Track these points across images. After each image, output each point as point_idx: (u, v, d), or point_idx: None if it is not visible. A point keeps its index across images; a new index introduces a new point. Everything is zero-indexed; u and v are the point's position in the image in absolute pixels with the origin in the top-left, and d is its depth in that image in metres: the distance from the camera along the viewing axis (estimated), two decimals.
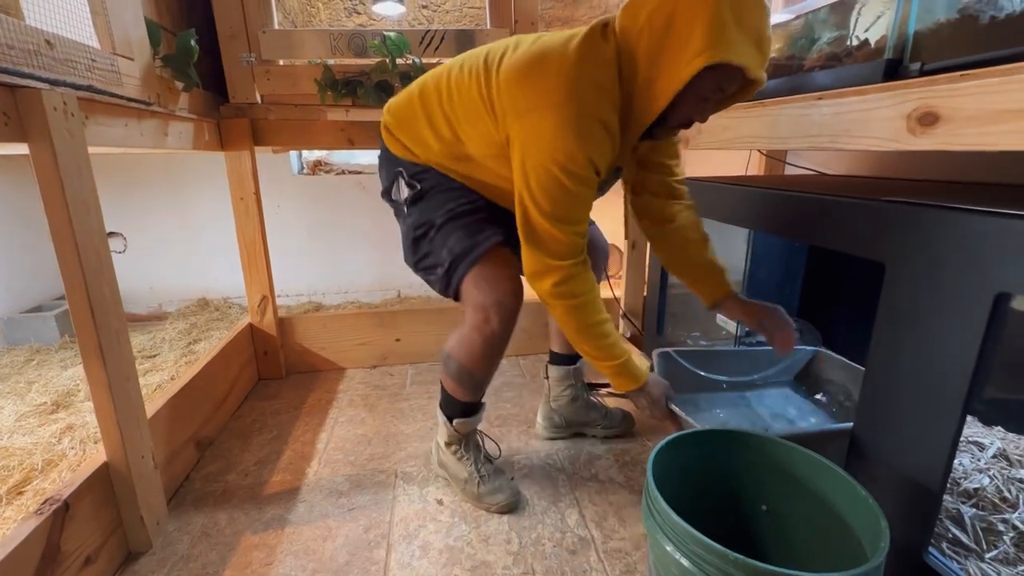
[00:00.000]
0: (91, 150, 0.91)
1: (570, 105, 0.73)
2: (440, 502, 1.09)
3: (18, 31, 0.70)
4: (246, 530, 1.01)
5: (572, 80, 0.73)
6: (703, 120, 0.79)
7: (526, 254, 0.85)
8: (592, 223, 1.06)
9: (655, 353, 1.19)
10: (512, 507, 1.05)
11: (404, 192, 0.97)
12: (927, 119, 0.64)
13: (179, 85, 1.18)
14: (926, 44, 0.71)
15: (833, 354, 1.21)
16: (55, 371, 1.68)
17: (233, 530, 1.01)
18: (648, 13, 0.70)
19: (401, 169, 0.97)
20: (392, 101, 1.01)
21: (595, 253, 1.12)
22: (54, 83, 0.77)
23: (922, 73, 0.70)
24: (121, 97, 0.95)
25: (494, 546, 0.97)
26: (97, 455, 0.91)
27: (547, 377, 1.30)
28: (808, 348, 1.25)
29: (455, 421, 1.07)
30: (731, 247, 1.46)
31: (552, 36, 0.80)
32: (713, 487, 0.82)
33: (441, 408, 1.09)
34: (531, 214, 0.81)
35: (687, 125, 0.81)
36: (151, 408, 1.06)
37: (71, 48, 0.82)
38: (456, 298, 0.95)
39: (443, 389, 1.07)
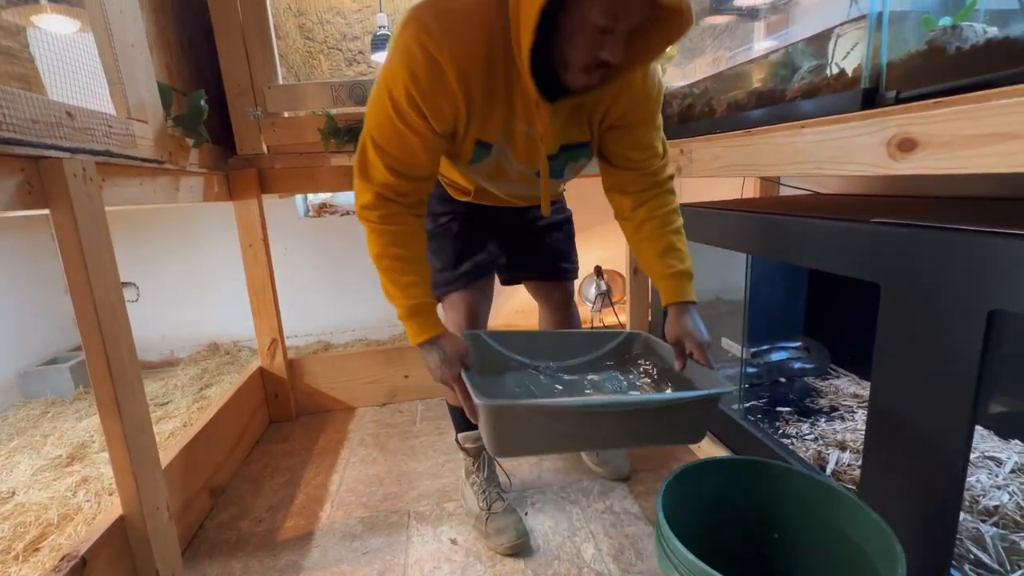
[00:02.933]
0: (107, 209, 0.96)
1: (408, 33, 0.68)
2: (454, 542, 1.08)
3: (42, 106, 0.75)
4: None
5: (420, 11, 0.68)
6: (615, 59, 0.66)
7: (356, 167, 0.81)
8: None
9: (463, 334, 0.97)
10: (517, 550, 1.03)
11: None
12: (905, 145, 0.66)
13: (190, 142, 1.24)
14: (899, 73, 0.74)
15: (650, 335, 1.08)
16: (70, 423, 1.70)
17: None
18: None
19: None
20: None
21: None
22: (74, 151, 0.82)
23: (898, 101, 0.72)
24: (136, 158, 1.00)
25: None
26: (113, 509, 0.92)
27: None
28: (624, 331, 1.09)
29: (459, 435, 1.09)
30: (732, 269, 1.48)
31: None
32: (726, 517, 0.82)
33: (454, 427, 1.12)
34: (363, 131, 0.79)
35: (596, 67, 0.68)
36: (165, 457, 1.07)
37: (89, 117, 0.87)
38: None
39: (446, 401, 1.09)
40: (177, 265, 2.30)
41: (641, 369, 1.06)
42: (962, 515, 0.84)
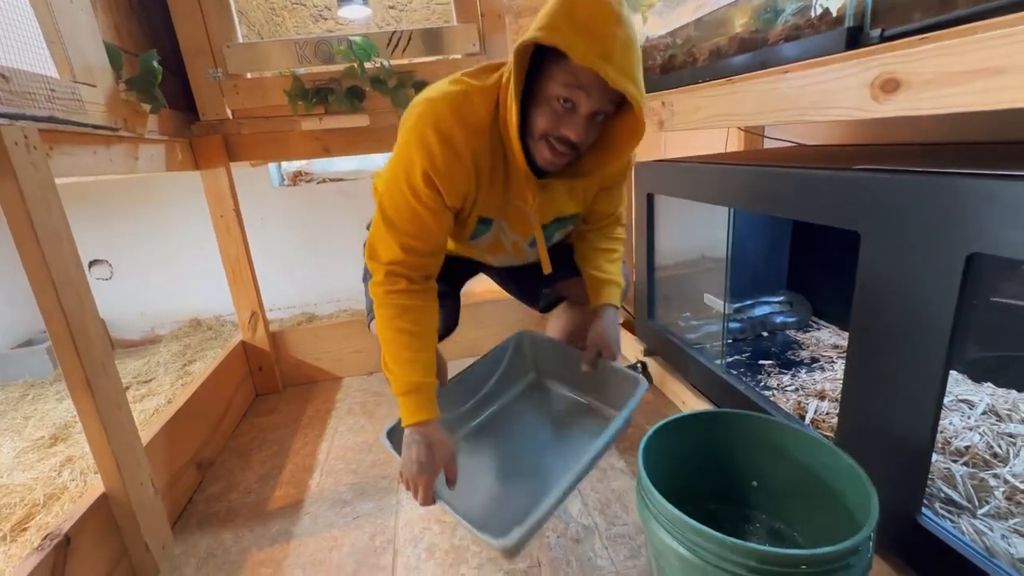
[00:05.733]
0: (62, 180, 0.91)
1: (422, 122, 0.74)
2: None
3: None
4: (252, 547, 1.02)
5: (431, 102, 0.75)
6: (574, 136, 0.71)
7: (367, 250, 0.84)
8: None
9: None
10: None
11: None
12: (889, 86, 0.64)
13: (146, 107, 1.17)
14: (884, 10, 0.71)
15: (532, 333, 1.15)
16: (51, 404, 1.68)
17: (239, 548, 1.02)
18: None
19: None
20: None
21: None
22: (13, 117, 0.76)
23: (883, 39, 0.69)
24: (86, 125, 0.94)
25: None
26: (95, 486, 0.91)
27: None
28: (510, 338, 1.13)
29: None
30: (715, 225, 1.47)
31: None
32: (705, 468, 0.83)
33: None
34: (375, 216, 0.82)
35: (560, 143, 0.74)
36: (147, 434, 1.06)
37: (28, 80, 0.81)
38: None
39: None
40: (152, 240, 2.23)
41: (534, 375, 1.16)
42: (934, 456, 0.86)
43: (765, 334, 1.52)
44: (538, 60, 0.71)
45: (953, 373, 1.12)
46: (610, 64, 0.65)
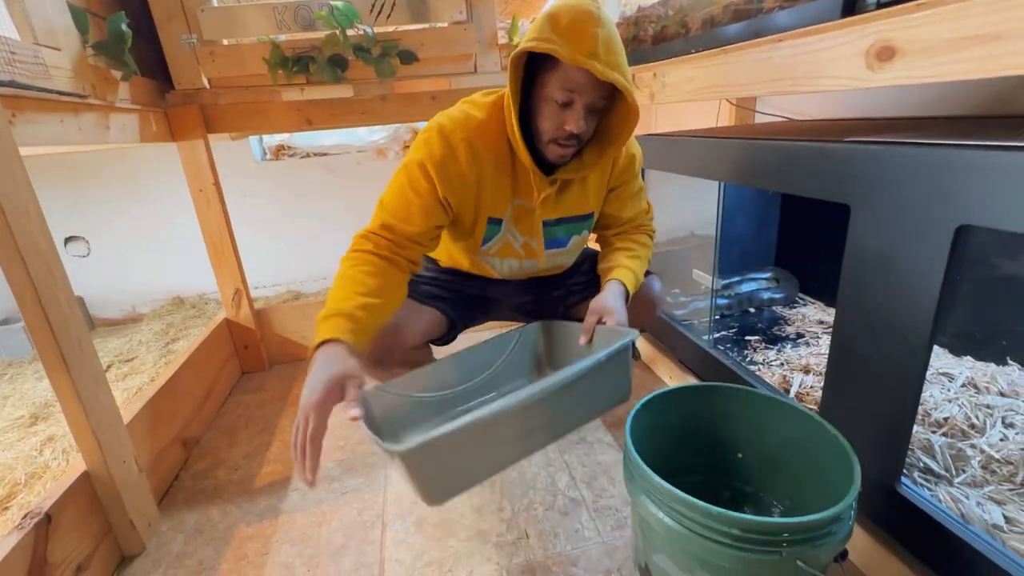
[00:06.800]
0: (29, 150, 0.87)
1: (426, 131, 0.85)
2: None
3: None
4: (240, 523, 1.02)
5: (435, 119, 0.86)
6: (577, 129, 0.78)
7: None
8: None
9: (364, 394, 0.75)
10: None
11: None
12: (884, 54, 0.63)
13: (116, 74, 1.12)
14: None
15: (548, 321, 1.04)
16: (30, 383, 1.64)
17: (227, 524, 1.02)
18: None
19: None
20: None
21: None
22: None
23: (879, 6, 0.68)
24: (50, 91, 0.89)
25: (487, 515, 0.99)
26: (77, 465, 0.89)
27: None
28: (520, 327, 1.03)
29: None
30: (705, 201, 1.46)
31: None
32: (692, 440, 0.84)
33: None
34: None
35: (565, 138, 0.80)
36: (129, 412, 1.04)
37: None
38: None
39: None
40: (131, 216, 2.17)
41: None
42: (914, 427, 0.88)
43: (752, 310, 1.53)
44: (533, 71, 0.79)
45: (934, 346, 1.14)
46: (596, 60, 0.72)
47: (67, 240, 2.16)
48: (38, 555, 0.76)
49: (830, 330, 1.33)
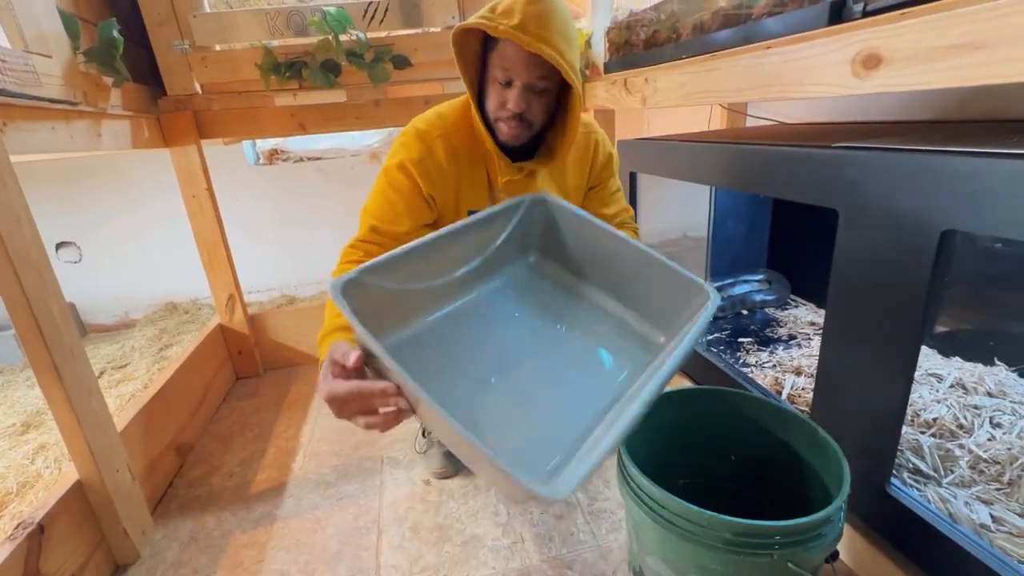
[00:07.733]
0: (21, 158, 0.86)
1: (402, 134, 0.89)
2: (428, 483, 1.10)
3: None
4: (235, 530, 1.01)
5: (410, 123, 0.90)
6: (516, 107, 0.80)
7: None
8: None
9: (338, 292, 0.62)
10: (447, 475, 1.11)
11: None
12: (870, 61, 0.63)
13: (108, 81, 1.11)
14: None
15: (553, 200, 0.80)
16: (21, 391, 1.63)
17: (222, 531, 1.01)
18: None
19: None
20: None
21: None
22: None
23: (865, 14, 0.69)
24: (41, 99, 0.89)
25: (483, 519, 0.99)
26: (69, 473, 0.89)
27: None
28: (518, 202, 0.80)
29: None
30: (697, 205, 1.47)
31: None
32: (685, 443, 0.85)
33: None
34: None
35: (511, 118, 0.81)
36: (122, 420, 1.03)
37: None
38: None
39: None
40: (123, 221, 2.15)
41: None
42: (904, 428, 0.89)
43: (744, 312, 1.54)
44: (484, 59, 0.82)
45: (923, 347, 1.15)
46: (523, 32, 0.73)
47: (58, 246, 2.14)
48: (31, 566, 0.76)
49: (821, 331, 1.34)
